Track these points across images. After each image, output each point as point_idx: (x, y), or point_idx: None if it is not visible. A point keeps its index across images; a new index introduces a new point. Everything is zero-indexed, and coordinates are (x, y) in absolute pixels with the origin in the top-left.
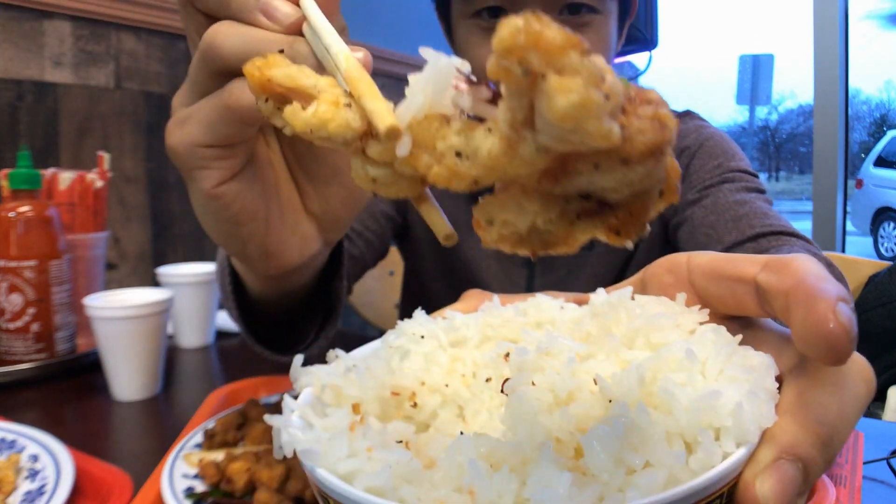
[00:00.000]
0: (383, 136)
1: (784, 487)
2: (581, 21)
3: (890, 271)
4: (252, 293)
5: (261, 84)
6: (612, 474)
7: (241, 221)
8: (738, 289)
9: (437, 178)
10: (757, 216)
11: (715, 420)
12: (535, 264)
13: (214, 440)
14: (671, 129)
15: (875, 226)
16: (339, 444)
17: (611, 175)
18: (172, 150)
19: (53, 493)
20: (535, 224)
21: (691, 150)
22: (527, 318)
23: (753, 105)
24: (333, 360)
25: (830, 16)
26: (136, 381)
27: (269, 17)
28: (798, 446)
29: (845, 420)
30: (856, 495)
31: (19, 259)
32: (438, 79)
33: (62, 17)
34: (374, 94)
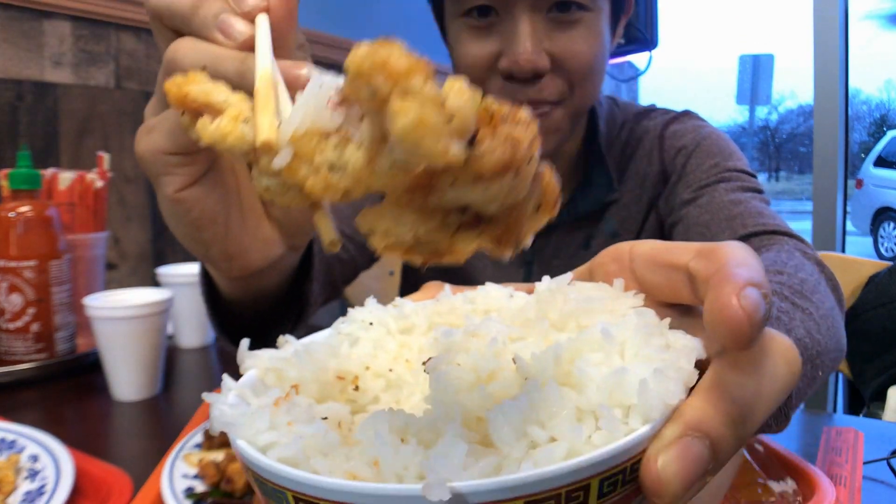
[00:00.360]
0: (258, 149)
1: (687, 464)
2: (571, 18)
3: (890, 271)
4: (223, 293)
5: (178, 99)
6: (513, 447)
7: (203, 225)
8: (673, 276)
9: (313, 189)
10: (751, 216)
11: (624, 398)
12: (532, 263)
13: (214, 440)
14: (523, 149)
15: (875, 226)
16: (261, 418)
17: (469, 190)
18: (139, 156)
19: (53, 493)
20: (417, 235)
21: (688, 149)
22: (474, 305)
23: (753, 105)
24: (283, 345)
25: (830, 16)
26: (136, 381)
27: (225, 35)
28: (705, 423)
29: (761, 399)
30: (856, 495)
31: (19, 259)
32: (319, 96)
33: (62, 17)
34: (266, 110)
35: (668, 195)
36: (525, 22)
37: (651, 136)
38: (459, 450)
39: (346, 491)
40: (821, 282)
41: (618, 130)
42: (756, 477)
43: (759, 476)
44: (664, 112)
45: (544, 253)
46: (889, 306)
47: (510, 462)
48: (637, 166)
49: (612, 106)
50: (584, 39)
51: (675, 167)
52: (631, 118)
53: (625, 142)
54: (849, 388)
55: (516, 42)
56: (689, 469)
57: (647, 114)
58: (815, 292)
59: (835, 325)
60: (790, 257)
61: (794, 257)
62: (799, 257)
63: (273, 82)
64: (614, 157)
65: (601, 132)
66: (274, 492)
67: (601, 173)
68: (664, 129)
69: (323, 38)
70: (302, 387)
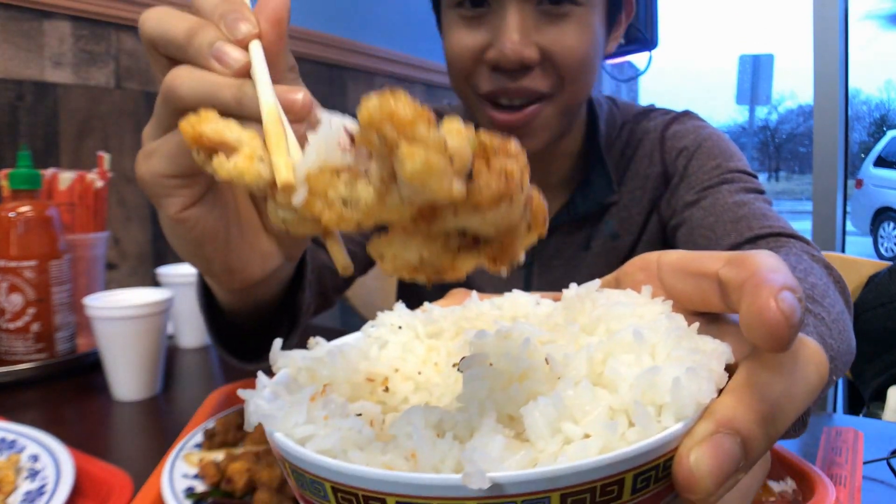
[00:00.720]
0: (280, 189)
1: (719, 460)
2: (561, 12)
3: (890, 271)
4: (222, 304)
5: (193, 138)
6: (548, 442)
7: (204, 242)
8: (702, 284)
9: (329, 222)
10: (756, 217)
11: (657, 397)
12: (532, 265)
13: (214, 440)
14: (515, 180)
15: (875, 226)
16: (299, 412)
17: (469, 218)
18: (140, 179)
19: (53, 493)
20: (422, 256)
21: (689, 150)
22: (501, 311)
23: (753, 105)
24: (314, 346)
25: (830, 16)
26: (136, 381)
27: (220, 62)
28: (736, 421)
29: (791, 400)
30: (856, 495)
31: (19, 259)
32: (330, 137)
33: (62, 17)
34: (280, 150)
35: (670, 197)
36: (514, 13)
37: (652, 137)
38: (497, 443)
39: (386, 480)
40: (829, 285)
41: (617, 131)
42: None
43: None
44: (664, 112)
45: (544, 254)
46: (889, 306)
47: (546, 456)
48: (637, 167)
49: (611, 107)
50: (574, 33)
51: (676, 168)
52: (631, 119)
53: (625, 142)
54: (848, 388)
55: (504, 33)
56: (722, 465)
57: (647, 114)
58: (826, 296)
59: (845, 329)
60: (799, 261)
61: (803, 261)
62: (807, 261)
63: (279, 118)
64: (614, 158)
65: (601, 133)
66: (312, 483)
67: (601, 174)
68: (665, 129)
69: (324, 39)
70: (333, 386)
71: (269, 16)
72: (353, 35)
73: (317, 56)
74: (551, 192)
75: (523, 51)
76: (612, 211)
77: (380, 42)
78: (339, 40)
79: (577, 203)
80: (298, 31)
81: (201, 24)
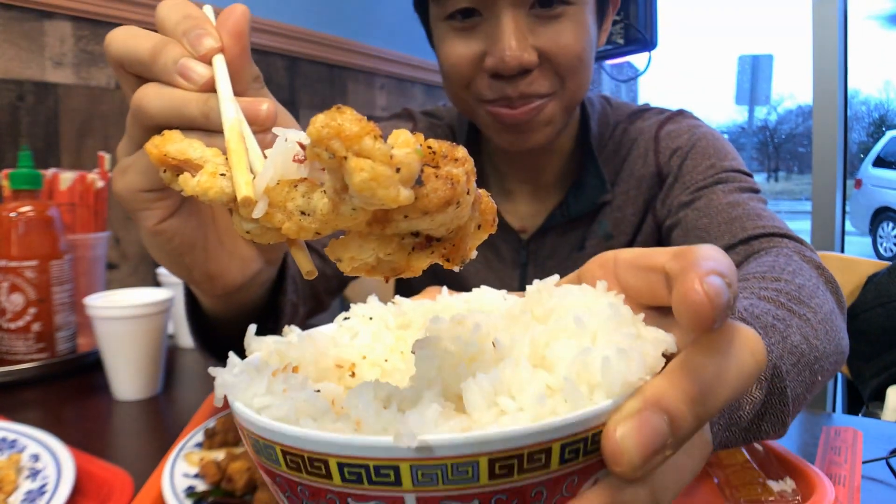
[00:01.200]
0: (239, 204)
1: (645, 436)
2: (555, 13)
3: (889, 271)
4: (206, 310)
5: (158, 158)
6: (483, 413)
7: (183, 252)
8: (651, 278)
9: (289, 231)
10: (749, 218)
11: (590, 377)
12: (527, 265)
13: (215, 439)
14: (461, 185)
15: (874, 226)
16: (259, 384)
17: (419, 221)
18: (117, 195)
19: (54, 492)
20: (379, 257)
21: (683, 150)
22: (468, 305)
23: (752, 105)
24: (287, 333)
25: (830, 16)
26: (136, 381)
27: (185, 78)
28: (664, 399)
29: (723, 383)
30: (855, 495)
31: (20, 259)
32: (286, 151)
33: (63, 17)
34: (240, 167)
35: (665, 197)
36: (508, 19)
37: (646, 136)
38: (433, 410)
39: (327, 442)
40: (819, 285)
41: (611, 131)
42: (756, 476)
43: (758, 475)
44: (658, 112)
45: (539, 255)
46: (888, 306)
47: (479, 425)
48: (631, 167)
49: (605, 106)
50: (570, 32)
51: (670, 168)
52: (624, 118)
53: (618, 142)
54: (848, 388)
55: (500, 40)
56: (647, 441)
57: (641, 114)
58: (814, 297)
59: (834, 329)
60: (788, 262)
61: (793, 261)
62: (797, 261)
63: (240, 133)
64: (607, 158)
65: (593, 132)
66: (265, 447)
67: (593, 174)
68: (659, 129)
69: (325, 39)
70: (301, 368)
71: (231, 29)
72: (353, 36)
73: (318, 56)
74: (545, 192)
75: (522, 56)
76: (606, 211)
77: (380, 42)
78: (340, 41)
79: (570, 203)
80: (300, 32)
81: (165, 41)
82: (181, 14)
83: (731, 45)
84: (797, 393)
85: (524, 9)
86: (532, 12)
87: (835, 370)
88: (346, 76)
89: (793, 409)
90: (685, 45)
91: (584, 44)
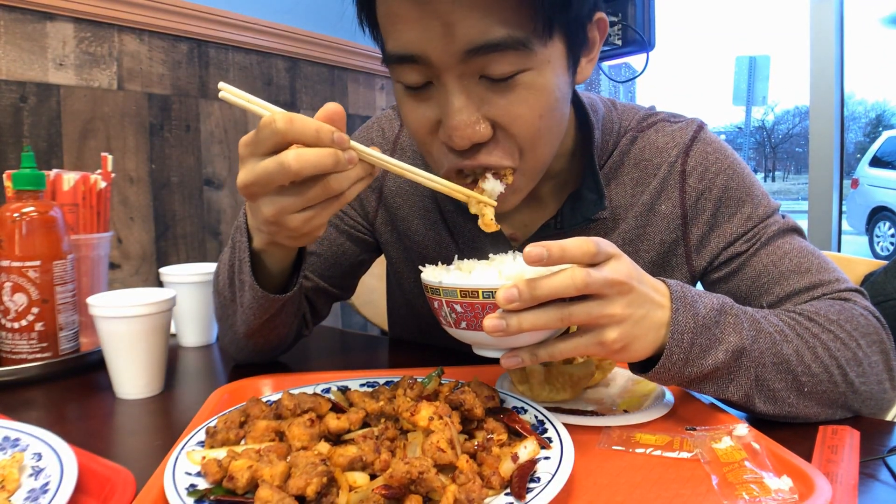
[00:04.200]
0: None
1: (505, 293)
2: (508, 82)
3: (885, 270)
4: (264, 255)
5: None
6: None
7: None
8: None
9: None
10: (807, 272)
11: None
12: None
13: (217, 438)
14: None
15: (870, 225)
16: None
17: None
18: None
19: (57, 490)
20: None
21: (714, 193)
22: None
23: (750, 106)
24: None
25: (827, 17)
26: (139, 380)
27: (351, 163)
28: (516, 281)
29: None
30: (852, 493)
31: (23, 259)
32: None
33: (65, 18)
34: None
35: (698, 245)
36: (457, 93)
37: (664, 160)
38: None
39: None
40: (859, 340)
41: (615, 138)
42: (752, 474)
43: (755, 474)
44: (670, 121)
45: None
46: (884, 304)
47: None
48: (643, 192)
49: (610, 110)
50: (524, 101)
51: (698, 211)
52: (633, 125)
53: (625, 152)
54: None
55: (450, 116)
56: (507, 294)
57: (653, 124)
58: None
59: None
60: (842, 309)
61: (845, 309)
62: (854, 311)
63: None
64: (611, 169)
65: (596, 143)
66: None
67: (592, 189)
68: (684, 161)
69: (326, 41)
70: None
71: (337, 120)
72: (353, 37)
73: (319, 58)
74: (539, 202)
75: (473, 134)
76: (615, 239)
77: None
78: (341, 42)
79: (565, 215)
80: (301, 33)
81: (333, 153)
82: (313, 128)
83: (729, 45)
84: (767, 380)
85: (474, 78)
86: (483, 80)
87: (844, 402)
88: (347, 77)
89: (757, 388)
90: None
91: (543, 112)
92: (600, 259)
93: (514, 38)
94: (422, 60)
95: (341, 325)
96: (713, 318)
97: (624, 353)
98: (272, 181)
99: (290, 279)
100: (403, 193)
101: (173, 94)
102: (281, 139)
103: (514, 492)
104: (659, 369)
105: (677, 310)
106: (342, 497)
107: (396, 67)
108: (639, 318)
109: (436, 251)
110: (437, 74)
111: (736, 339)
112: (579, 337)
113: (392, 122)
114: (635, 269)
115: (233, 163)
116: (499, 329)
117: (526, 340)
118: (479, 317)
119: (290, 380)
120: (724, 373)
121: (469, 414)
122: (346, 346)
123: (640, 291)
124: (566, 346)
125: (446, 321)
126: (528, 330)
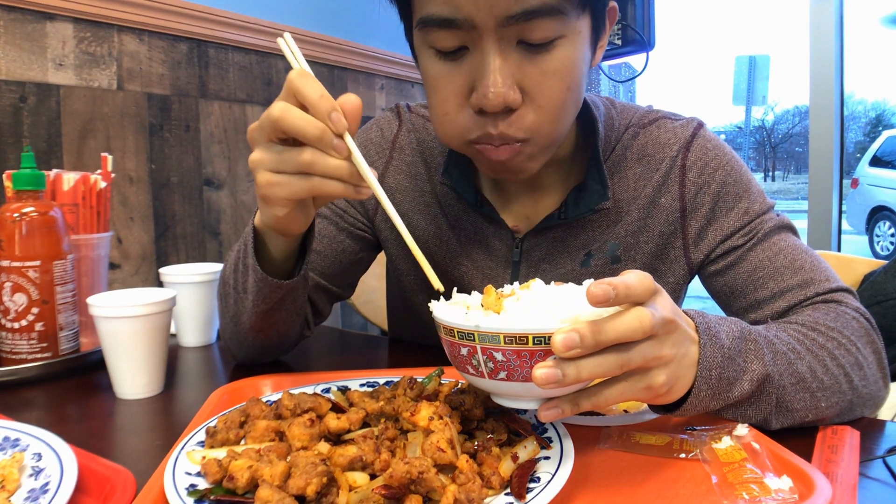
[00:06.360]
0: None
1: (565, 338)
2: (546, 52)
3: (885, 270)
4: (269, 245)
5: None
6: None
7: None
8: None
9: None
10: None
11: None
12: (519, 263)
13: (217, 438)
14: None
15: (870, 225)
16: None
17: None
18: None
19: (57, 490)
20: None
21: (712, 187)
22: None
23: (750, 106)
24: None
25: (827, 17)
26: (139, 380)
27: (338, 151)
28: (577, 325)
29: (611, 323)
30: (852, 493)
31: (23, 259)
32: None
33: (64, 18)
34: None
35: (696, 239)
36: (496, 54)
37: (665, 155)
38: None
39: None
40: (856, 341)
41: (617, 134)
42: (752, 474)
43: (755, 473)
44: (671, 119)
45: (533, 254)
46: (884, 304)
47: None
48: (645, 185)
49: (609, 108)
50: (556, 72)
51: (696, 205)
52: (635, 122)
53: (627, 147)
54: None
55: (486, 77)
56: (567, 341)
57: (655, 121)
58: (841, 347)
59: (849, 377)
60: (838, 317)
61: (841, 316)
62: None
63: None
64: (614, 163)
65: (600, 136)
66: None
67: (597, 180)
68: (684, 156)
69: (326, 41)
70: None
71: (351, 113)
72: (353, 37)
73: (319, 57)
74: (543, 193)
75: (507, 94)
76: (617, 231)
77: (380, 43)
78: (340, 42)
79: (569, 206)
80: (301, 33)
81: (324, 129)
82: (318, 93)
83: (729, 45)
84: (787, 401)
85: (511, 43)
86: (520, 46)
87: (850, 407)
88: (347, 77)
89: (777, 410)
90: (683, 46)
91: (572, 82)
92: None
93: (552, 6)
94: (464, 24)
95: (341, 324)
96: (737, 348)
97: (668, 396)
98: (262, 126)
99: (294, 270)
100: (403, 189)
101: (173, 94)
102: (288, 88)
103: (514, 492)
104: (686, 408)
105: (705, 344)
106: (342, 497)
107: (433, 32)
108: (681, 358)
109: (437, 245)
110: (475, 39)
111: (759, 367)
112: (625, 381)
113: (391, 123)
114: (671, 302)
115: (232, 163)
116: (553, 380)
117: (568, 389)
118: (526, 366)
119: (290, 380)
120: (746, 400)
121: (469, 414)
122: (346, 346)
123: (682, 329)
124: (611, 394)
125: (477, 371)
126: (587, 380)
